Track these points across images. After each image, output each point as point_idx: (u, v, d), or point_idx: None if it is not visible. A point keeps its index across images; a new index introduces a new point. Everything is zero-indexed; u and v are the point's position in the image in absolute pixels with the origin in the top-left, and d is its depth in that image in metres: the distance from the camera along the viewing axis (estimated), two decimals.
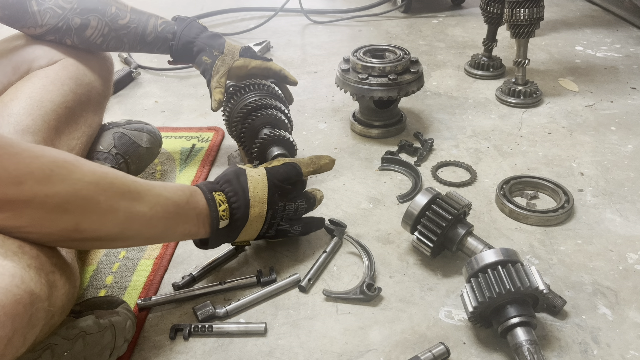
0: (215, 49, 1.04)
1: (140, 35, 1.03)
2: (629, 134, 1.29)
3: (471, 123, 1.36)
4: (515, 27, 1.37)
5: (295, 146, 0.96)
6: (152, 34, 1.03)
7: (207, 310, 0.82)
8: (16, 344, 0.55)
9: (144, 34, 1.03)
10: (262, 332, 0.80)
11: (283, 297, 0.87)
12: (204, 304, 0.83)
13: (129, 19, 1.00)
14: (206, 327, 0.80)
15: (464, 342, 0.78)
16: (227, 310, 0.82)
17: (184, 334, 0.80)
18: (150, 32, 1.03)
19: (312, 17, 2.12)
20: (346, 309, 0.84)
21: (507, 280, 0.73)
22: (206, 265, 0.91)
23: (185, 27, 1.05)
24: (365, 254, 0.91)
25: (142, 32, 1.03)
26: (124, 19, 1.00)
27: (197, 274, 0.90)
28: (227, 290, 0.88)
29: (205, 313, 0.82)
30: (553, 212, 1.00)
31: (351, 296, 0.85)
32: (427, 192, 0.90)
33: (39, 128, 0.91)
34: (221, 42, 1.05)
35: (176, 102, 1.52)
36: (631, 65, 1.65)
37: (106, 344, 0.70)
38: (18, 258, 0.59)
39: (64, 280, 0.66)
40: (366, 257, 0.90)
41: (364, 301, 0.84)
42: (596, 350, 0.76)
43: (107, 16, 0.98)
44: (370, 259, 0.91)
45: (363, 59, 1.23)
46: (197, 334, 0.80)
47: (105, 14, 0.98)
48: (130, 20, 1.00)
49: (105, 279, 0.91)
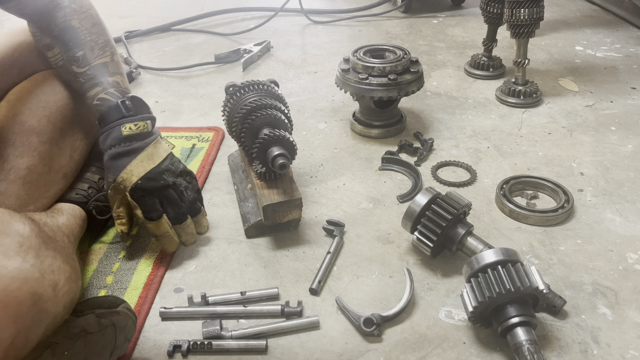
0: (112, 173, 0.88)
1: (82, 92, 0.93)
2: (629, 134, 1.29)
3: (471, 123, 1.36)
4: (515, 27, 1.37)
5: (295, 146, 0.96)
6: (89, 99, 0.91)
7: (214, 330, 0.79)
8: (19, 344, 0.55)
9: (85, 94, 0.92)
10: (263, 349, 0.78)
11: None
12: (212, 322, 0.81)
13: (84, 70, 0.91)
14: (205, 345, 0.78)
15: (464, 342, 0.78)
16: (232, 335, 0.80)
17: (182, 350, 0.78)
18: (88, 96, 0.91)
19: (312, 17, 2.12)
20: None
21: (507, 280, 0.73)
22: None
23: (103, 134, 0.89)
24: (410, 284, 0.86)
25: (85, 91, 0.92)
26: (81, 67, 0.91)
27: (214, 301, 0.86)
28: (248, 315, 0.84)
29: (210, 332, 0.79)
30: (553, 212, 1.00)
31: (353, 319, 0.81)
32: (427, 192, 0.90)
33: (44, 129, 0.91)
34: (120, 166, 0.87)
35: (176, 102, 1.52)
36: (631, 65, 1.65)
37: (107, 343, 0.70)
38: (20, 258, 0.59)
39: (65, 280, 0.66)
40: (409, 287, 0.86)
41: (360, 332, 0.81)
42: (596, 350, 0.76)
43: (70, 54, 0.91)
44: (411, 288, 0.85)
45: (363, 59, 1.23)
46: (197, 351, 0.78)
47: (70, 51, 0.91)
48: (84, 73, 0.91)
49: (106, 278, 0.91)
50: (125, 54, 1.78)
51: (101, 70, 0.92)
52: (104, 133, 0.88)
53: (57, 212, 0.90)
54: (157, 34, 2.03)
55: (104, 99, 0.89)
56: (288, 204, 0.95)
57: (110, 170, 0.88)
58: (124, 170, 0.86)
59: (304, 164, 1.21)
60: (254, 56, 1.76)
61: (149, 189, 0.87)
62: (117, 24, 2.11)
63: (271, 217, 0.96)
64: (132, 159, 0.87)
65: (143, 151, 0.88)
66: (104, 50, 0.94)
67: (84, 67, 0.91)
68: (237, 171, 1.14)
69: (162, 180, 0.89)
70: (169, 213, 0.90)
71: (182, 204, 0.91)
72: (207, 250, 0.97)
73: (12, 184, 0.86)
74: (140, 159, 0.87)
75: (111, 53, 0.95)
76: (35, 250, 0.62)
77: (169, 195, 0.90)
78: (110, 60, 0.94)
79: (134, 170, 0.87)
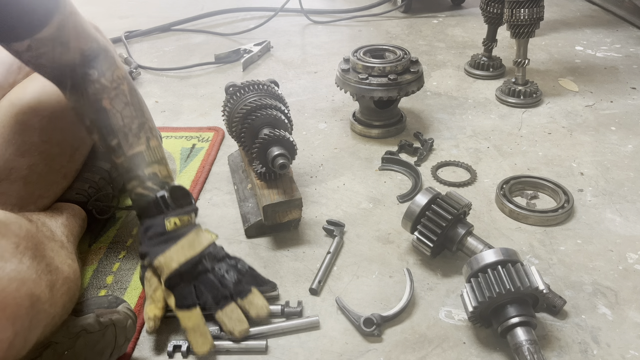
0: (149, 256, 0.80)
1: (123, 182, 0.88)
2: (629, 134, 1.29)
3: (471, 123, 1.36)
4: (515, 27, 1.37)
5: (295, 146, 0.96)
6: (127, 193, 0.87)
7: (213, 330, 0.79)
8: (18, 346, 0.55)
9: (125, 185, 0.88)
10: (263, 349, 0.78)
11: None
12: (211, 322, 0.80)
13: (120, 162, 0.86)
14: None
15: (464, 342, 0.79)
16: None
17: (182, 351, 0.78)
18: (127, 189, 0.87)
19: (312, 17, 2.12)
20: None
21: (507, 280, 0.73)
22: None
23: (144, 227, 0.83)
24: (410, 284, 0.86)
25: (124, 182, 0.87)
26: (117, 158, 0.86)
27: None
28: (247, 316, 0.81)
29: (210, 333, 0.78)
30: (553, 212, 1.00)
31: (353, 319, 0.82)
32: (427, 192, 0.90)
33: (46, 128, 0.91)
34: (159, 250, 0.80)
35: (176, 102, 1.52)
36: (631, 65, 1.65)
37: (107, 343, 0.70)
38: (17, 260, 0.58)
39: (63, 281, 0.66)
40: (409, 287, 0.85)
41: (360, 332, 0.81)
42: (596, 350, 0.76)
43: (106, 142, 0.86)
44: (412, 288, 0.85)
45: (363, 59, 1.23)
46: None
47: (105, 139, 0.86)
48: (121, 164, 0.86)
49: (106, 278, 0.91)
50: (125, 54, 1.78)
51: (136, 161, 0.85)
52: (145, 226, 0.82)
53: (56, 211, 0.90)
54: (157, 34, 2.03)
55: (141, 194, 0.84)
56: (288, 204, 0.95)
57: (147, 254, 0.80)
58: (162, 254, 0.79)
59: (304, 164, 1.21)
60: (254, 56, 1.76)
61: (186, 275, 0.80)
62: (117, 24, 2.11)
63: (271, 217, 0.96)
64: (172, 245, 0.80)
65: (184, 237, 0.81)
66: (139, 137, 0.86)
67: (120, 157, 0.85)
68: (237, 171, 1.14)
69: (201, 265, 0.81)
70: (206, 299, 0.80)
71: (222, 287, 0.81)
72: None
73: (13, 184, 0.86)
74: (181, 245, 0.80)
75: (146, 139, 0.87)
76: (32, 251, 0.62)
77: (206, 280, 0.81)
78: (146, 148, 0.87)
79: (174, 255, 0.79)
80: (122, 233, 1.01)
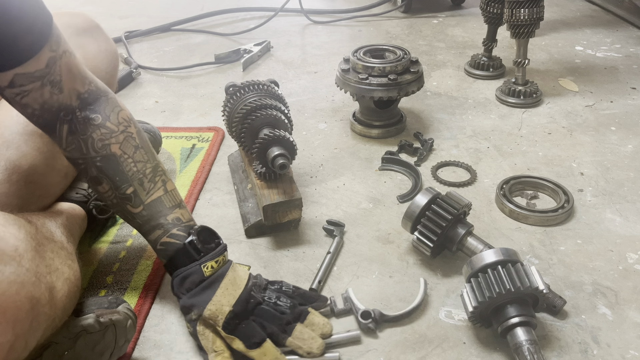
0: (196, 309, 0.76)
1: (142, 233, 0.82)
2: (629, 134, 1.29)
3: (471, 123, 1.36)
4: (515, 27, 1.37)
5: (295, 146, 0.96)
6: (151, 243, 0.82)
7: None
8: (18, 349, 0.55)
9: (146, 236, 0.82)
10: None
11: None
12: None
13: (139, 211, 0.80)
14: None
15: (464, 342, 0.79)
16: None
17: None
18: (150, 240, 0.82)
19: (312, 17, 2.12)
20: None
21: (507, 280, 0.73)
22: None
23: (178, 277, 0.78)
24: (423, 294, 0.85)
25: (145, 233, 0.82)
26: (135, 207, 0.80)
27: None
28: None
29: None
30: (553, 212, 1.00)
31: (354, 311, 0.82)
32: (427, 192, 0.90)
33: None
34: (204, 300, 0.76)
35: (176, 102, 1.52)
36: (631, 65, 1.65)
37: (107, 343, 0.70)
38: (16, 263, 0.58)
39: (63, 282, 0.66)
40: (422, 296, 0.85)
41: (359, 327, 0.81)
42: (596, 350, 0.76)
43: (120, 191, 0.79)
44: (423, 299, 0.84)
45: (363, 59, 1.23)
46: None
47: (119, 188, 0.79)
48: (139, 214, 0.80)
49: (106, 278, 0.91)
50: (125, 54, 1.78)
51: (158, 208, 0.80)
52: (179, 276, 0.77)
53: (56, 211, 0.90)
54: (157, 34, 2.03)
55: (169, 242, 0.79)
56: (288, 204, 0.95)
57: (194, 307, 0.76)
58: (210, 302, 0.75)
59: (304, 164, 1.21)
60: (254, 56, 1.76)
61: (242, 315, 0.76)
62: (117, 24, 2.12)
63: (271, 217, 0.96)
64: (216, 289, 0.76)
65: (225, 278, 0.78)
66: (155, 181, 0.81)
67: (138, 207, 0.80)
68: (237, 171, 1.14)
69: (252, 299, 0.78)
70: (271, 331, 0.77)
71: (281, 315, 0.79)
72: None
73: (14, 185, 0.86)
74: (225, 287, 0.77)
75: (162, 182, 0.82)
76: (30, 253, 0.62)
77: (263, 313, 0.78)
78: (164, 193, 0.82)
79: (222, 300, 0.76)
80: (122, 233, 1.01)
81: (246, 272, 0.82)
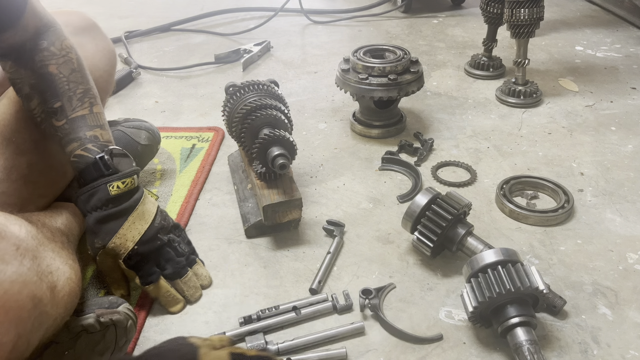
0: (100, 238, 0.80)
1: (61, 147, 0.85)
2: (629, 134, 1.29)
3: (471, 123, 1.36)
4: (515, 27, 1.37)
5: (295, 146, 0.96)
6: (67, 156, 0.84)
7: (258, 344, 0.78)
8: (21, 348, 0.55)
9: (64, 149, 0.85)
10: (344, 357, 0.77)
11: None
12: (256, 336, 0.79)
13: (62, 124, 0.84)
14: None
15: (464, 342, 0.79)
16: (278, 349, 0.78)
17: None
18: (66, 152, 0.84)
19: (312, 17, 2.12)
20: None
21: (507, 280, 0.73)
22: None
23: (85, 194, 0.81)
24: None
25: (63, 146, 0.85)
26: (59, 120, 0.84)
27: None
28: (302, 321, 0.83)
29: (254, 347, 0.77)
30: (553, 212, 1.01)
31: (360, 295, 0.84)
32: (427, 192, 0.90)
33: None
34: (110, 230, 0.79)
35: (176, 102, 1.52)
36: (631, 65, 1.65)
37: (108, 343, 0.70)
38: (18, 262, 0.58)
39: (65, 282, 0.66)
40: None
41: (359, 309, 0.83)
42: (596, 350, 0.76)
43: (48, 105, 0.84)
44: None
45: (363, 59, 1.23)
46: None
47: (47, 102, 0.84)
48: (62, 127, 0.83)
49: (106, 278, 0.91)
50: (125, 54, 1.78)
51: (79, 123, 0.84)
52: (86, 193, 0.80)
53: (56, 211, 0.90)
54: (157, 34, 2.03)
55: (81, 155, 0.82)
56: (288, 204, 0.95)
57: (99, 234, 0.79)
58: (115, 235, 0.79)
59: (304, 164, 1.21)
60: (254, 56, 1.76)
61: (146, 253, 0.81)
62: (117, 24, 2.11)
63: (271, 217, 0.96)
64: (123, 221, 0.80)
65: (134, 211, 0.81)
66: (83, 101, 0.86)
67: (62, 120, 0.84)
68: (237, 171, 1.14)
69: (158, 240, 0.83)
70: (167, 271, 0.84)
71: (179, 259, 0.86)
72: (207, 251, 0.97)
73: (14, 183, 0.86)
74: (132, 221, 0.81)
75: (90, 104, 0.86)
76: (32, 252, 0.62)
77: (165, 254, 0.84)
78: (89, 113, 0.86)
79: (127, 234, 0.80)
80: None
81: (155, 206, 0.86)
